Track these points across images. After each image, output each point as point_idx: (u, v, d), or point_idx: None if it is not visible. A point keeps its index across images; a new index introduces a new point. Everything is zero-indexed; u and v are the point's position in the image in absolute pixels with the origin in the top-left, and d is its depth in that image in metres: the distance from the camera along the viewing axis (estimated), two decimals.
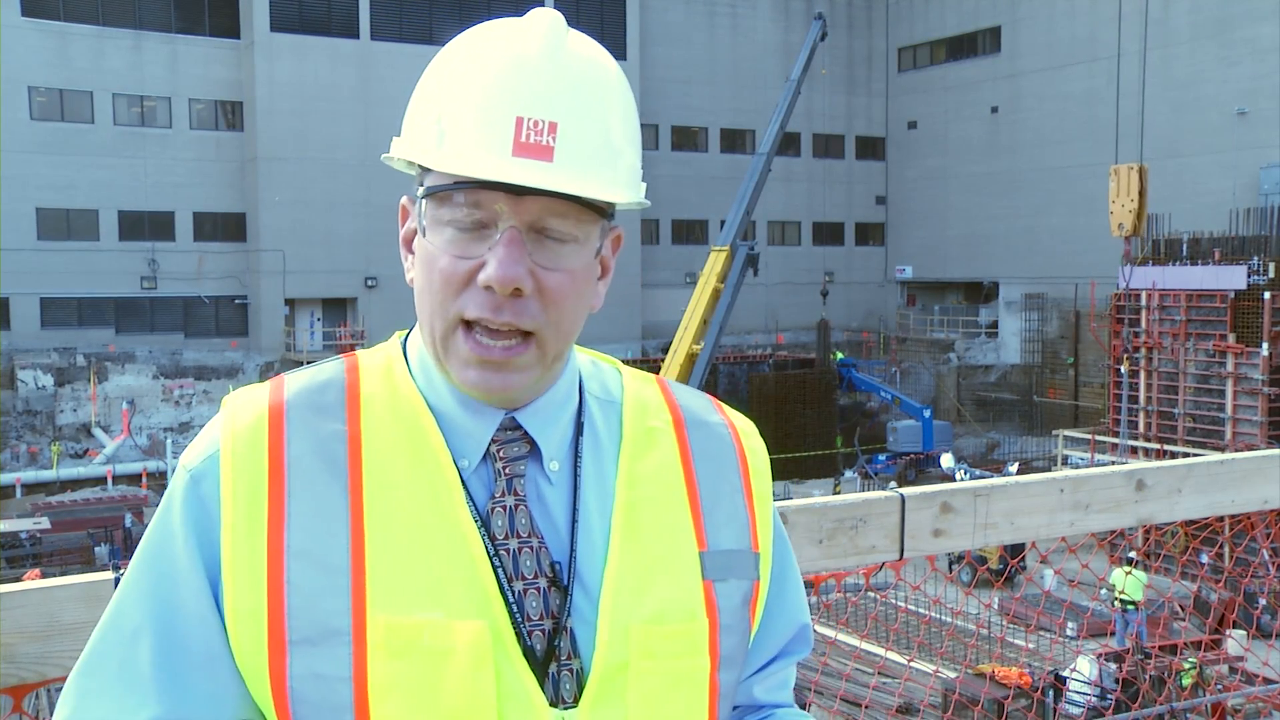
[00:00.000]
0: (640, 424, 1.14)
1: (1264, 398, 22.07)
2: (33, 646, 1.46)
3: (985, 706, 11.28)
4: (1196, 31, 35.27)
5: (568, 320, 1.05)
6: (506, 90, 1.01)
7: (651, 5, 42.19)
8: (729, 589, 1.11)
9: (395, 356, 1.13)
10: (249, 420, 1.06)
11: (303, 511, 1.01)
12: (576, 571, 1.05)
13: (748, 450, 1.18)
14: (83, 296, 35.36)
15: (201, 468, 1.05)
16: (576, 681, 1.03)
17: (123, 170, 35.60)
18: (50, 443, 32.72)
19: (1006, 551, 15.67)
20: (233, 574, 1.01)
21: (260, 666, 1.00)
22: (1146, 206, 24.28)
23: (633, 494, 1.10)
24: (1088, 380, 36.06)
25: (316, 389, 1.08)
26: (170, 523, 1.05)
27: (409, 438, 1.06)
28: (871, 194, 47.48)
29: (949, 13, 44.16)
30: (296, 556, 1.00)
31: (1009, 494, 2.27)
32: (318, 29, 36.62)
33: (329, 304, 37.84)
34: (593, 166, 1.02)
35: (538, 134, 0.99)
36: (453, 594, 1.00)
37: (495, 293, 1.00)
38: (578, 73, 1.03)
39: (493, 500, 1.05)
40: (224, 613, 1.02)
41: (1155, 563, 18.63)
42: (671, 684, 1.06)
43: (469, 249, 1.02)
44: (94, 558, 23.03)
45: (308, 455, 1.03)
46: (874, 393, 36.44)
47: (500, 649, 1.00)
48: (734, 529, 1.14)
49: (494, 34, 1.06)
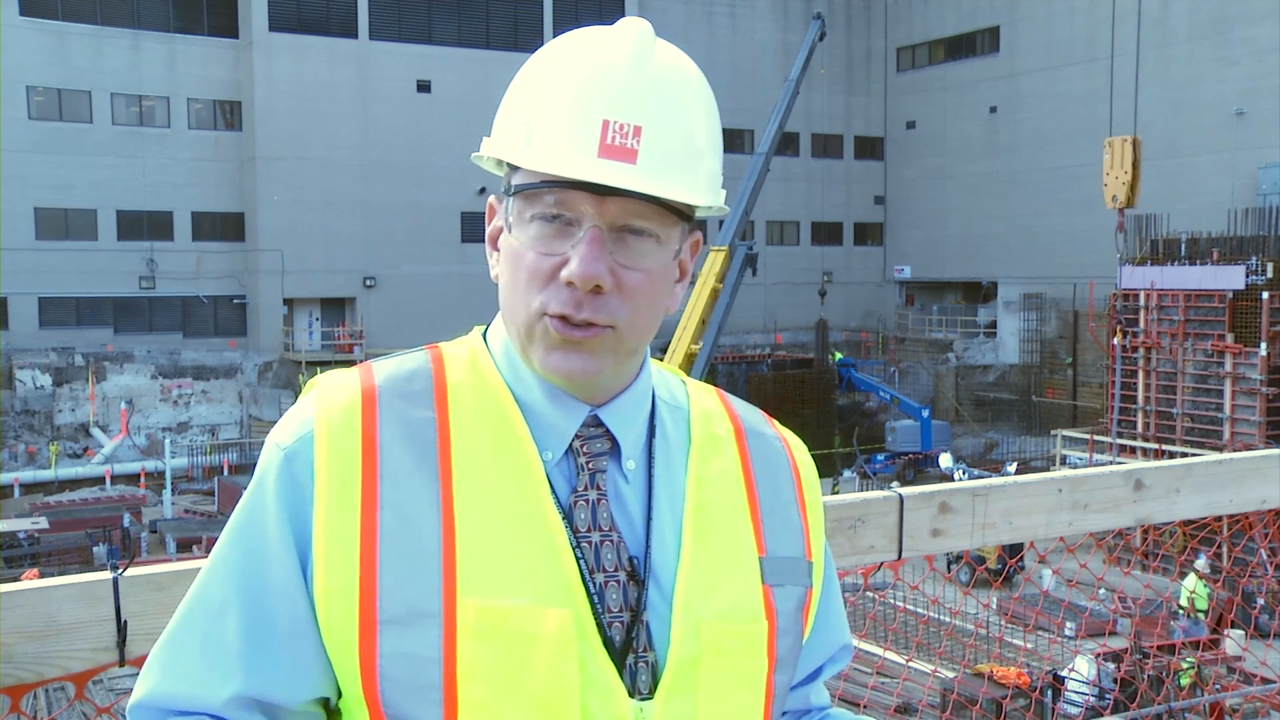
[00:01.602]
0: (706, 430, 1.19)
1: (1262, 398, 22.08)
2: (30, 646, 1.46)
3: (983, 706, 11.29)
4: (1195, 32, 35.28)
5: (645, 317, 1.08)
6: (593, 94, 1.04)
7: (650, 5, 42.19)
8: (785, 594, 1.16)
9: (479, 349, 1.16)
10: (342, 402, 1.08)
11: (394, 494, 1.04)
12: (651, 567, 1.09)
13: (799, 463, 1.23)
14: (81, 296, 35.33)
15: (295, 446, 1.07)
16: (652, 674, 1.07)
17: (121, 170, 35.58)
18: (48, 442, 32.70)
19: (1005, 551, 15.68)
20: (325, 552, 1.03)
21: (350, 644, 1.02)
22: (1140, 178, 24.36)
23: (701, 496, 1.14)
24: (1086, 380, 36.08)
25: (404, 376, 1.11)
26: (263, 499, 1.07)
27: (495, 427, 1.09)
28: (870, 194, 47.49)
29: (948, 13, 44.17)
30: (388, 537, 1.03)
31: (1007, 494, 2.27)
32: (316, 29, 36.61)
33: (327, 304, 37.83)
34: (674, 170, 1.05)
35: (623, 136, 1.03)
36: (538, 581, 1.03)
37: (576, 289, 1.04)
38: (663, 79, 1.07)
39: (575, 494, 1.09)
40: (313, 590, 1.04)
41: (1154, 563, 18.65)
42: (736, 681, 1.10)
43: (553, 246, 1.05)
44: (92, 557, 23.02)
45: (398, 440, 1.06)
46: (873, 392, 36.46)
47: (583, 637, 1.04)
48: (790, 537, 1.18)
49: (583, 41, 1.09)
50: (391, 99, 37.32)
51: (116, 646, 1.50)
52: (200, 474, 32.08)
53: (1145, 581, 15.43)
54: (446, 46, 38.36)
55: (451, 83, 38.00)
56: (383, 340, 36.89)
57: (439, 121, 37.70)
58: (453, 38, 38.53)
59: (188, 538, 24.03)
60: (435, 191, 37.65)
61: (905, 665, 12.16)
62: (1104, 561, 15.95)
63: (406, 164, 37.39)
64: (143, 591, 1.52)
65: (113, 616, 1.50)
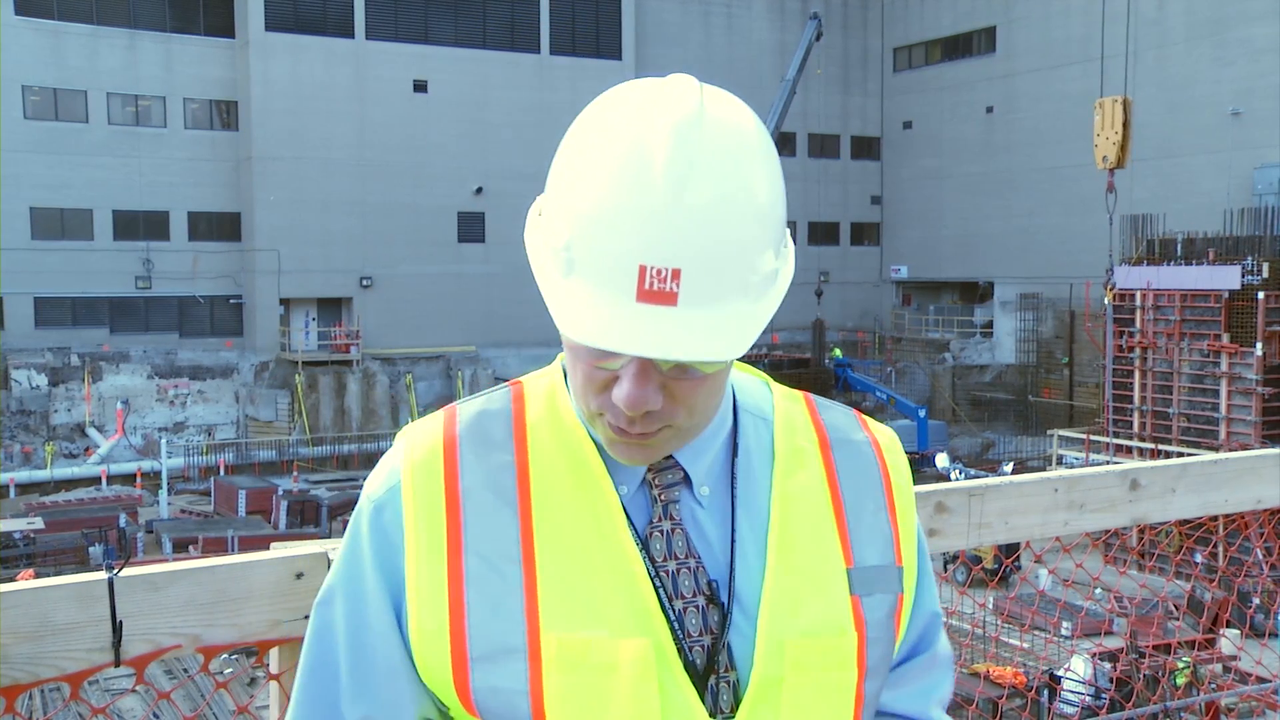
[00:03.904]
0: (790, 443, 1.19)
1: (1258, 397, 22.12)
2: (25, 647, 1.45)
3: (980, 706, 11.30)
4: (1191, 32, 35.33)
5: (700, 412, 1.08)
6: (629, 233, 0.98)
7: (647, 5, 42.19)
8: (875, 603, 1.16)
9: (558, 384, 1.18)
10: (425, 453, 1.14)
11: (477, 538, 1.10)
12: (734, 589, 1.12)
13: (890, 466, 1.23)
14: (77, 296, 35.29)
15: (384, 498, 1.14)
16: (733, 693, 1.10)
17: (117, 170, 35.53)
18: (44, 443, 32.66)
19: (1001, 551, 15.69)
20: (417, 597, 1.10)
21: (447, 680, 1.09)
22: (1130, 140, 24.42)
23: (785, 512, 1.15)
24: (1082, 380, 36.12)
25: (485, 420, 1.16)
26: (359, 549, 1.15)
27: (572, 464, 1.13)
28: (867, 194, 47.51)
29: (944, 13, 44.20)
30: (474, 580, 1.09)
31: (1003, 494, 2.27)
32: (313, 28, 36.58)
33: (324, 303, 37.79)
34: (718, 301, 0.99)
35: (661, 281, 0.98)
36: (616, 612, 1.08)
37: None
38: (707, 194, 0.98)
39: (650, 525, 1.12)
40: (407, 632, 1.11)
41: (1149, 562, 18.66)
42: (821, 694, 1.12)
43: (604, 359, 1.03)
44: (88, 558, 23.00)
45: (479, 485, 1.11)
46: (869, 392, 36.48)
47: (663, 663, 1.07)
48: (878, 545, 1.19)
49: (624, 139, 0.99)
50: (388, 99, 37.29)
51: (112, 647, 1.50)
52: (196, 474, 32.06)
53: (1141, 581, 15.45)
54: (443, 46, 38.33)
55: (448, 83, 37.99)
56: (379, 340, 36.88)
57: (436, 121, 37.68)
58: (450, 38, 38.51)
59: (184, 538, 24.00)
60: (432, 191, 37.63)
61: None
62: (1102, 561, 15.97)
63: (403, 164, 37.37)
64: (138, 592, 1.52)
65: (108, 617, 1.50)
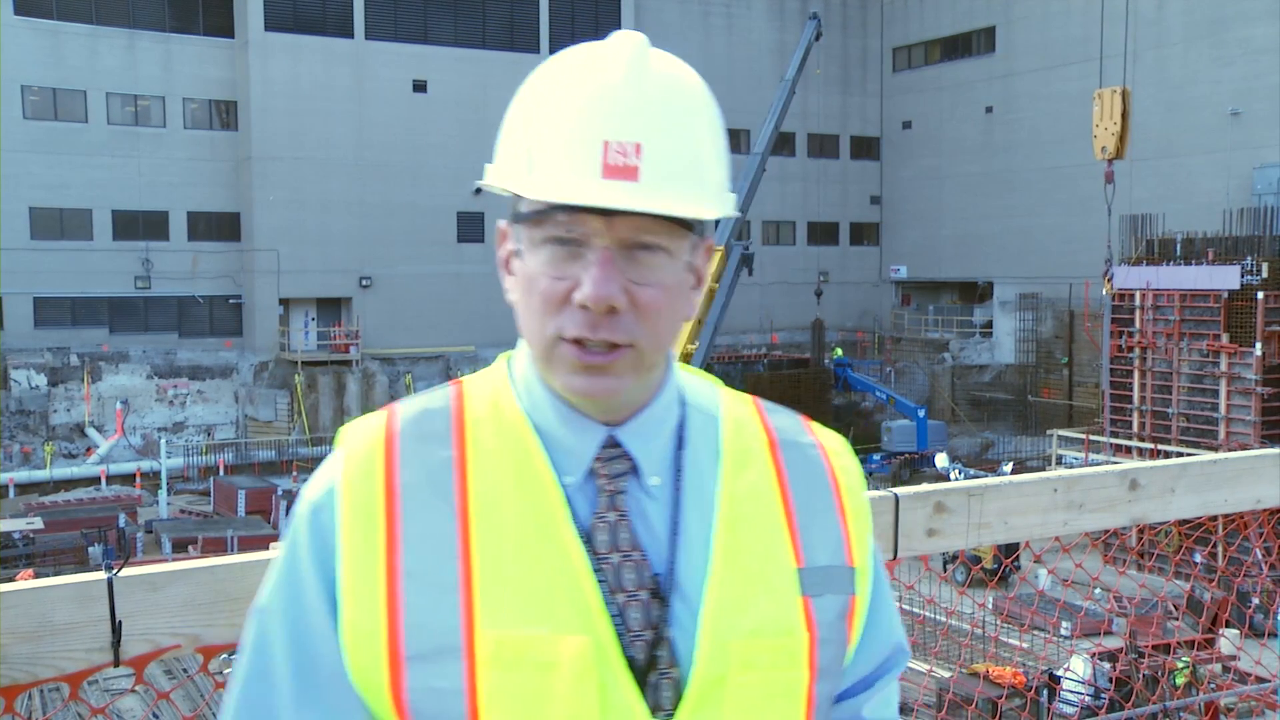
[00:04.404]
0: (738, 441, 1.18)
1: (1257, 397, 22.13)
2: (25, 647, 1.45)
3: (979, 706, 11.31)
4: (1190, 32, 35.34)
5: (663, 331, 1.10)
6: (591, 115, 1.05)
7: (646, 5, 42.19)
8: (826, 604, 1.15)
9: (500, 380, 1.17)
10: (363, 451, 1.11)
11: (414, 535, 1.07)
12: (676, 582, 1.09)
13: (838, 469, 1.22)
14: (76, 296, 35.28)
15: (321, 499, 1.11)
16: (675, 689, 1.07)
17: (116, 170, 35.53)
18: (44, 443, 32.66)
19: (1001, 551, 15.69)
20: (351, 596, 1.07)
21: (381, 682, 1.06)
22: (1129, 130, 24.44)
23: (734, 510, 1.13)
24: (1082, 380, 36.13)
25: (425, 418, 1.14)
26: (297, 553, 1.12)
27: (514, 458, 1.11)
28: (866, 194, 47.52)
29: (943, 13, 44.21)
30: (410, 577, 1.06)
31: (1003, 494, 2.27)
32: (312, 28, 36.57)
33: (323, 303, 37.79)
34: (678, 183, 1.06)
35: (623, 155, 1.03)
36: (557, 609, 1.05)
37: (590, 311, 1.05)
38: (661, 92, 1.07)
39: (596, 516, 1.10)
40: (341, 633, 1.08)
41: (1149, 562, 18.67)
42: (768, 696, 1.10)
43: (565, 269, 1.06)
44: (88, 558, 22.99)
45: (418, 482, 1.09)
46: (869, 392, 36.49)
47: (603, 662, 1.05)
48: (829, 545, 1.17)
49: (577, 60, 1.09)
50: (387, 99, 37.29)
51: (111, 647, 1.50)
52: (196, 474, 32.05)
53: (1140, 581, 15.45)
54: (443, 46, 38.33)
55: (448, 83, 37.98)
56: (379, 340, 36.88)
57: (435, 121, 37.68)
58: (449, 38, 38.51)
59: (183, 538, 24.00)
60: (431, 191, 37.63)
61: None
62: (1101, 561, 16.01)
63: (402, 164, 37.37)
64: (138, 592, 1.52)
65: (107, 617, 1.50)
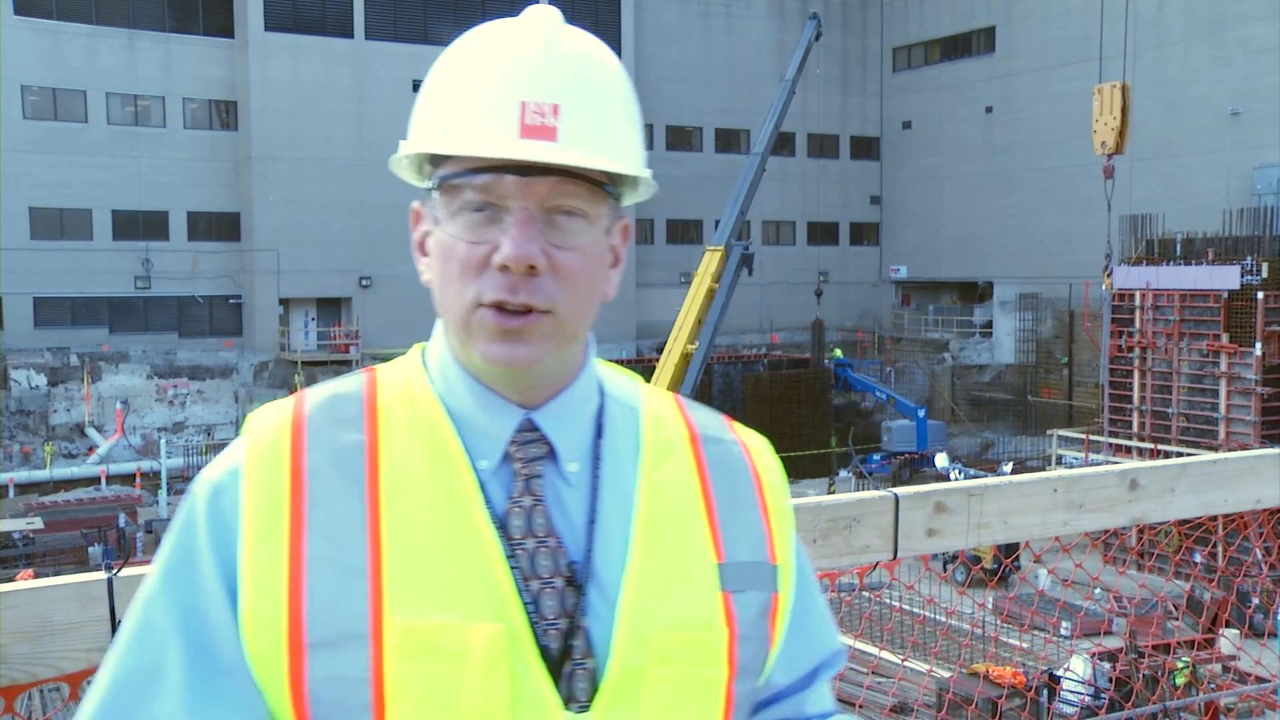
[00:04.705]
0: (658, 434, 1.16)
1: (1257, 397, 22.13)
2: (24, 647, 1.45)
3: (979, 706, 11.32)
4: (1190, 32, 35.34)
5: (582, 299, 1.07)
6: (509, 78, 1.05)
7: (646, 5, 42.19)
8: (747, 600, 1.13)
9: (414, 367, 1.14)
10: (270, 434, 1.08)
11: (321, 519, 1.03)
12: (593, 570, 1.06)
13: (759, 466, 1.20)
14: (76, 296, 35.28)
15: (224, 480, 1.07)
16: (591, 680, 1.04)
17: (116, 170, 35.53)
18: (44, 443, 32.66)
19: (1001, 551, 15.69)
20: (252, 580, 1.02)
21: (279, 670, 1.02)
22: (1129, 125, 24.45)
23: (653, 502, 1.11)
24: (1082, 380, 36.12)
25: (336, 402, 1.10)
26: (193, 536, 1.07)
27: (426, 443, 1.07)
28: (866, 194, 47.52)
29: (943, 13, 44.21)
30: (315, 562, 1.02)
31: (1003, 494, 2.27)
32: (312, 28, 36.58)
33: (323, 304, 37.79)
34: (596, 144, 1.05)
35: (541, 115, 1.03)
36: (469, 596, 1.02)
37: (511, 272, 1.03)
38: (576, 61, 1.07)
39: (511, 501, 1.07)
40: (240, 619, 1.03)
41: (1149, 562, 18.67)
42: (687, 690, 1.07)
43: (483, 234, 1.04)
44: (88, 558, 22.99)
45: (326, 465, 1.05)
46: (869, 392, 36.48)
47: (516, 651, 1.01)
48: (750, 542, 1.15)
49: (492, 32, 1.10)
50: (387, 99, 37.25)
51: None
52: (196, 474, 32.03)
53: (1140, 581, 15.46)
54: (442, 46, 37.05)
55: None
56: (378, 340, 36.86)
57: None
58: (449, 38, 37.67)
59: None
60: None
61: (901, 665, 12.17)
62: (1101, 561, 16.01)
63: None
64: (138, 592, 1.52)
65: (107, 617, 1.50)
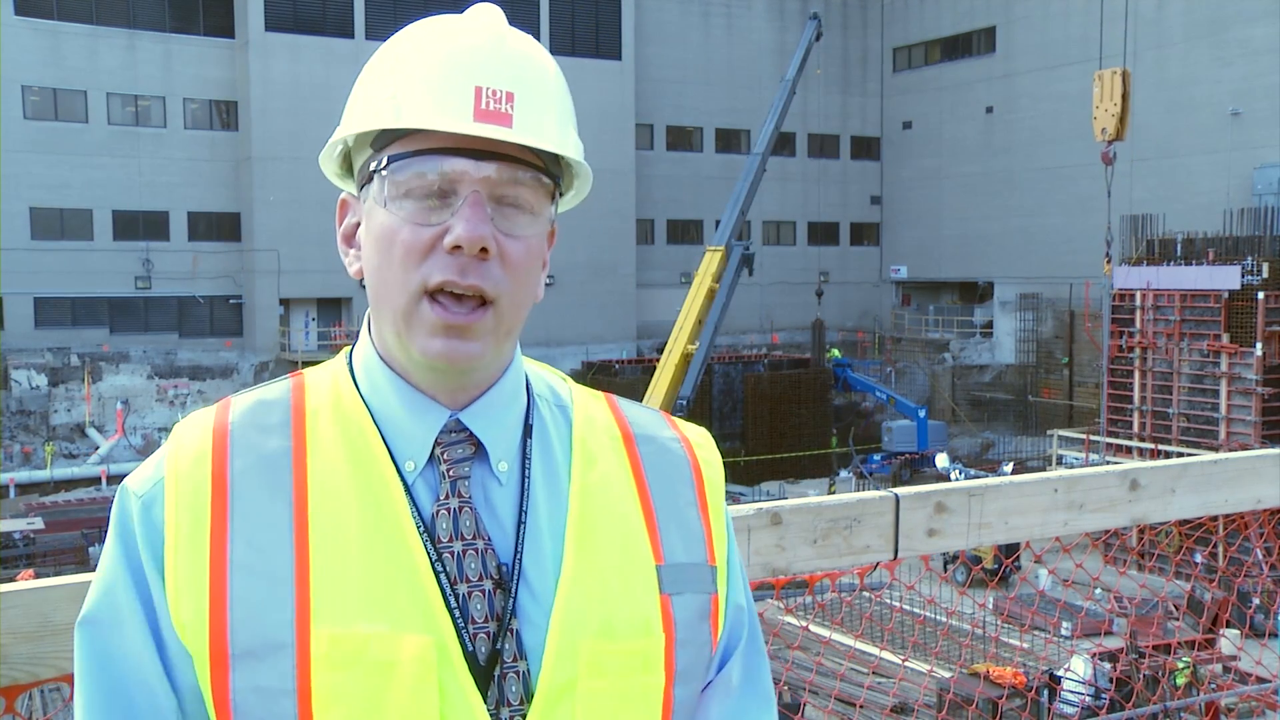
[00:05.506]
0: (589, 434, 1.14)
1: (1257, 397, 22.13)
2: (25, 647, 1.45)
3: (980, 706, 11.32)
4: (1190, 32, 35.34)
5: (523, 292, 1.06)
6: (464, 64, 1.03)
7: (646, 5, 42.18)
8: (685, 602, 1.10)
9: (340, 370, 1.12)
10: (193, 443, 1.06)
11: (245, 526, 1.01)
12: (522, 572, 1.04)
13: (701, 462, 1.17)
14: (77, 296, 35.29)
15: (151, 492, 1.05)
16: (523, 683, 1.02)
17: (117, 170, 35.54)
18: (44, 443, 32.66)
19: (1001, 551, 15.70)
20: (175, 590, 1.01)
21: (203, 680, 1.00)
22: (1130, 112, 24.48)
23: (587, 504, 1.08)
24: (1082, 380, 36.12)
25: (261, 408, 1.08)
26: (127, 545, 1.05)
27: (352, 447, 1.05)
28: (866, 194, 47.52)
29: (944, 13, 44.21)
30: (239, 570, 1.00)
31: (1003, 494, 2.27)
32: (312, 29, 36.58)
33: (324, 304, 37.80)
34: (548, 133, 1.05)
35: (496, 102, 1.02)
36: (397, 604, 0.99)
37: (462, 254, 1.01)
38: (523, 55, 1.07)
39: (437, 503, 1.04)
40: (164, 629, 1.02)
41: (1149, 562, 18.67)
42: (623, 700, 1.04)
43: (431, 217, 1.02)
44: (88, 558, 22.99)
45: (250, 472, 1.03)
46: (869, 392, 36.48)
47: (445, 663, 0.99)
48: (689, 542, 1.12)
49: (438, 26, 1.09)
50: None
51: None
52: None
53: (1141, 581, 15.46)
54: None
55: None
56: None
57: None
58: None
59: None
60: None
61: (901, 665, 12.18)
62: (1101, 561, 16.00)
63: None
64: None
65: None
